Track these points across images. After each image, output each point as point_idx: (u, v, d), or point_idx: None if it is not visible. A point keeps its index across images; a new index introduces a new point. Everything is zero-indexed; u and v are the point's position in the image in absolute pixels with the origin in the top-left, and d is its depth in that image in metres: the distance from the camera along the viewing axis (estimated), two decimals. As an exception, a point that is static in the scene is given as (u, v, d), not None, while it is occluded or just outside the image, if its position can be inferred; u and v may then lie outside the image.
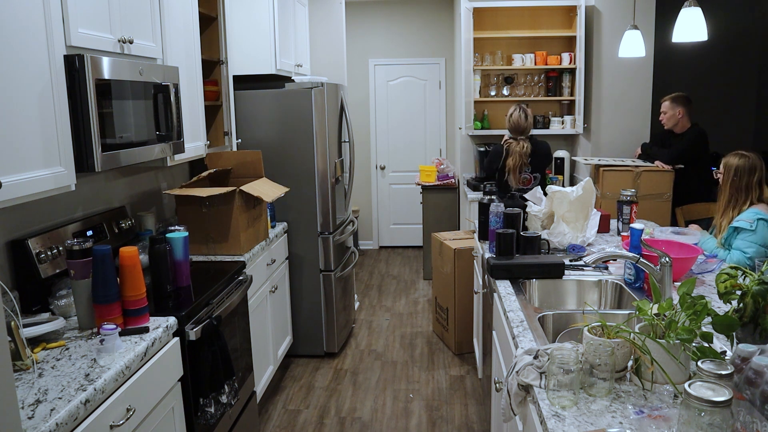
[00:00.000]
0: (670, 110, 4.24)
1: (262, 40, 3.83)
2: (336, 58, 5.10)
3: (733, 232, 2.76)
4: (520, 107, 3.99)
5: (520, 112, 3.96)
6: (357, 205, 6.79)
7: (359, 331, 4.60)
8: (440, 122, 6.77)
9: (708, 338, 1.47)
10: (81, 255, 1.98)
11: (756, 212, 2.72)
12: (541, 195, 3.11)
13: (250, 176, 3.36)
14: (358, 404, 3.48)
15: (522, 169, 3.98)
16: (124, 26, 2.29)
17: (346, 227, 4.33)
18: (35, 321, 1.96)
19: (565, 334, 1.94)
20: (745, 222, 2.71)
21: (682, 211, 4.13)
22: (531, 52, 5.20)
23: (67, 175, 1.94)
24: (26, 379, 1.67)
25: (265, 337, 3.38)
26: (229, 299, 2.60)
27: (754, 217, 2.70)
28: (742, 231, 2.71)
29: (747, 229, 2.68)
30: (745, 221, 2.71)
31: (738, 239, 2.72)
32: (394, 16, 6.59)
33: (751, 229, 2.67)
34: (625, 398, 1.45)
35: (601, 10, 4.82)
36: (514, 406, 1.66)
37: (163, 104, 2.47)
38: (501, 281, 2.45)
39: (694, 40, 2.99)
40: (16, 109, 1.72)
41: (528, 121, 3.97)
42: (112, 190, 2.83)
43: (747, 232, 2.68)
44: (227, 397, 2.44)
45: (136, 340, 1.93)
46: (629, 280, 2.36)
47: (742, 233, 2.70)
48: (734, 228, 2.75)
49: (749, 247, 2.65)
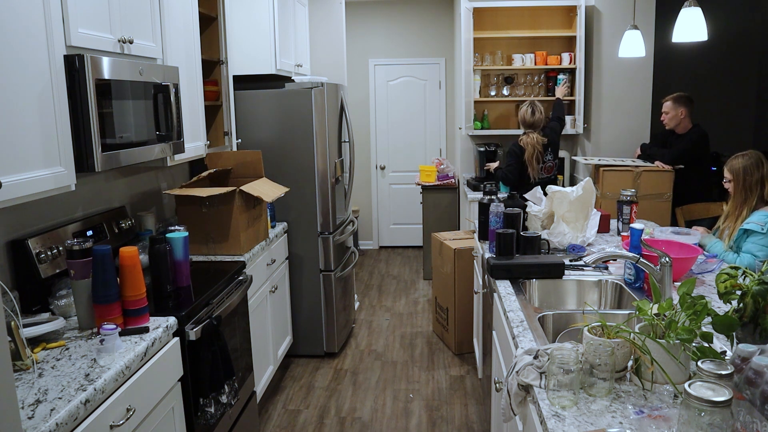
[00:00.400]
0: (672, 110, 4.23)
1: (262, 40, 3.83)
2: (336, 58, 5.10)
3: (742, 235, 2.74)
4: (529, 103, 4.20)
5: (527, 108, 4.20)
6: (357, 205, 6.80)
7: (359, 331, 4.60)
8: (440, 122, 6.77)
9: (708, 338, 1.47)
10: (81, 255, 1.98)
11: (766, 214, 2.71)
12: (541, 195, 3.11)
13: (250, 176, 3.36)
14: (358, 404, 3.49)
15: (540, 159, 4.18)
16: (124, 26, 2.29)
17: (346, 227, 4.33)
18: (35, 321, 1.96)
19: (565, 334, 1.94)
20: (755, 225, 2.67)
21: (682, 211, 4.13)
22: (531, 52, 5.19)
23: (67, 175, 1.94)
24: (26, 379, 1.67)
25: (265, 337, 3.38)
26: (229, 299, 2.60)
27: (765, 219, 2.67)
28: (752, 234, 2.67)
29: (758, 232, 2.65)
30: (755, 224, 2.68)
31: (748, 242, 2.68)
32: (394, 16, 6.59)
33: (762, 232, 2.64)
34: (625, 398, 1.45)
35: (601, 10, 4.82)
36: (514, 406, 1.66)
37: (163, 104, 2.47)
38: (501, 281, 2.45)
39: (694, 40, 2.99)
40: (16, 109, 1.72)
41: (535, 116, 4.17)
42: (112, 190, 2.83)
43: (758, 235, 2.65)
44: (227, 397, 2.44)
45: (136, 340, 1.93)
46: (629, 280, 2.36)
47: (753, 236, 2.67)
48: (744, 230, 2.73)
49: (760, 250, 2.62)
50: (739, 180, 2.83)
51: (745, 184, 2.82)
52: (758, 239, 2.65)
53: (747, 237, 2.70)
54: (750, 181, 2.81)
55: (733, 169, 2.86)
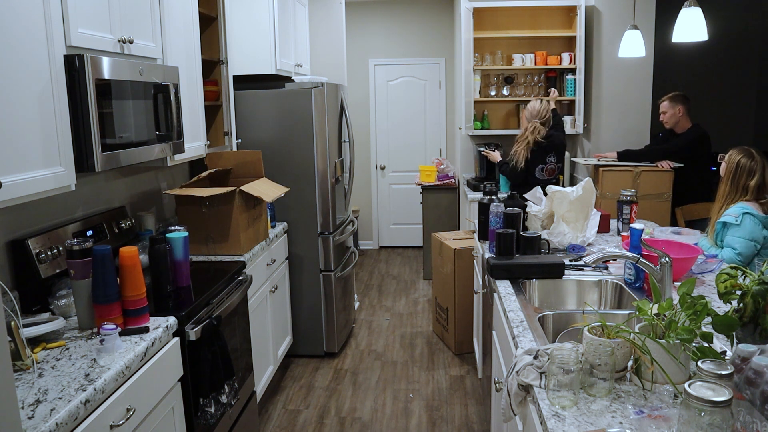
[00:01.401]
0: (670, 109, 4.25)
1: (262, 40, 3.83)
2: (336, 58, 5.10)
3: (722, 228, 2.76)
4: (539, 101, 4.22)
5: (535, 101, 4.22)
6: (357, 205, 6.79)
7: (359, 331, 4.60)
8: (440, 122, 6.77)
9: (708, 338, 1.47)
10: (81, 255, 1.98)
11: (742, 206, 2.73)
12: (541, 195, 3.11)
13: (250, 176, 3.36)
14: (358, 404, 3.48)
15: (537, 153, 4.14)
16: (124, 26, 2.29)
17: (346, 227, 4.33)
18: (35, 321, 1.96)
19: (565, 334, 1.94)
20: (730, 217, 2.71)
21: (682, 211, 4.13)
22: (531, 52, 5.20)
23: (67, 175, 1.94)
24: (26, 379, 1.67)
25: (265, 337, 3.38)
26: (229, 299, 2.60)
27: (740, 211, 2.70)
28: (730, 226, 2.71)
29: (733, 223, 2.68)
30: (730, 216, 2.71)
31: (727, 236, 2.72)
32: (394, 16, 6.59)
33: (737, 224, 2.68)
34: (625, 398, 1.44)
35: (601, 10, 4.82)
36: (514, 406, 1.66)
37: (163, 104, 2.47)
38: (501, 281, 2.45)
39: (694, 40, 2.99)
40: (16, 109, 1.72)
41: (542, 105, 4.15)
42: (112, 190, 2.83)
43: (734, 227, 2.69)
44: (227, 397, 2.44)
45: (136, 340, 1.93)
46: (629, 280, 2.36)
47: (730, 228, 2.70)
48: (722, 224, 2.75)
49: (738, 243, 2.65)
50: (730, 170, 2.84)
51: (732, 178, 2.82)
52: (734, 231, 2.68)
53: (725, 230, 2.72)
54: (736, 179, 2.81)
55: (732, 157, 2.86)
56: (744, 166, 2.81)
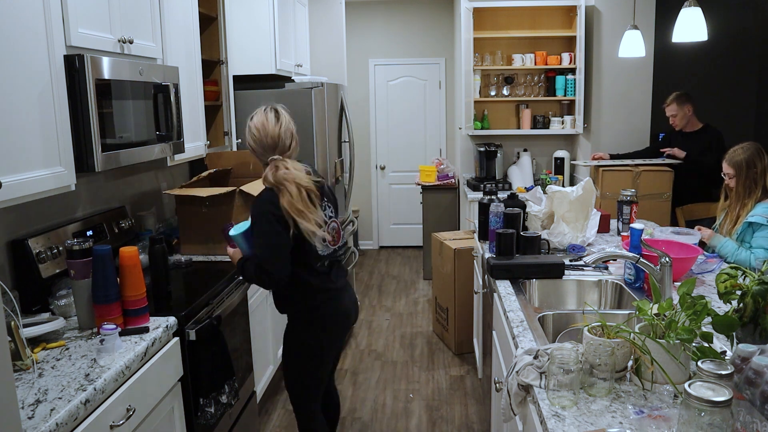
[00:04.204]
0: (679, 111, 4.21)
1: (262, 40, 3.83)
2: (336, 58, 5.10)
3: (747, 228, 2.71)
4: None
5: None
6: (357, 205, 6.79)
7: (359, 331, 4.60)
8: (440, 122, 6.77)
9: (708, 338, 1.47)
10: (81, 255, 1.98)
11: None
12: (541, 195, 3.11)
13: (250, 176, 3.36)
14: (358, 404, 3.48)
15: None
16: (124, 26, 2.29)
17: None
18: (35, 321, 1.96)
19: (565, 334, 1.94)
20: (761, 217, 2.64)
21: (682, 211, 4.13)
22: (531, 52, 5.19)
23: (67, 175, 1.94)
24: (26, 379, 1.67)
25: (265, 337, 3.37)
26: (229, 299, 2.60)
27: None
28: (759, 227, 2.64)
29: (765, 225, 2.62)
30: (761, 216, 2.65)
31: (757, 236, 2.66)
32: (394, 16, 6.59)
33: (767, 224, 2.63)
34: (625, 398, 1.44)
35: (601, 10, 4.82)
36: (514, 406, 1.66)
37: (163, 104, 2.47)
38: (501, 281, 2.45)
39: (694, 40, 2.99)
40: (16, 109, 1.72)
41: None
42: (112, 190, 2.83)
43: (765, 228, 2.62)
44: (227, 397, 2.44)
45: (136, 340, 1.93)
46: (629, 280, 2.36)
47: (760, 229, 2.64)
48: (749, 224, 2.70)
49: None
50: (742, 173, 2.79)
51: (749, 176, 2.78)
52: (766, 232, 2.62)
53: (753, 231, 2.67)
54: (754, 173, 2.77)
55: (734, 162, 2.82)
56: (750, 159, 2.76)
